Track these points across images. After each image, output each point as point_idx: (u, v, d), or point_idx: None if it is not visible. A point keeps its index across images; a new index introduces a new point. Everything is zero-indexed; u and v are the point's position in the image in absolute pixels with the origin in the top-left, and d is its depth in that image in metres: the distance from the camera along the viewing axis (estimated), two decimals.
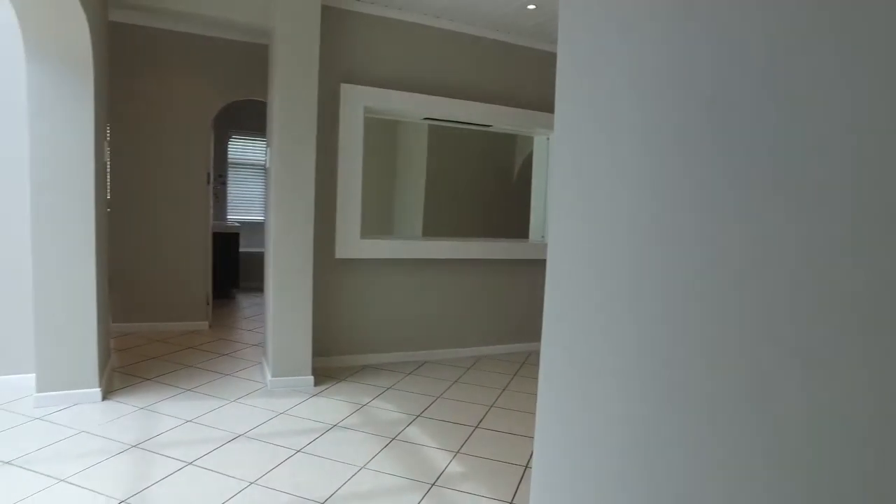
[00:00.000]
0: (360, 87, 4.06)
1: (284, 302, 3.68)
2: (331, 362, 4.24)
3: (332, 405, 3.49)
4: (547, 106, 4.83)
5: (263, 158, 7.55)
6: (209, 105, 4.97)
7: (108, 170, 4.79)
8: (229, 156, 7.65)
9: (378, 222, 4.85)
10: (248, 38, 4.94)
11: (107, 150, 3.66)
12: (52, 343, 3.17)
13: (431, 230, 5.30)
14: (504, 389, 4.00)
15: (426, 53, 4.36)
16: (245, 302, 6.51)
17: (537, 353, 5.02)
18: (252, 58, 4.96)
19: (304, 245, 3.69)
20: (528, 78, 4.76)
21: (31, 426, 2.95)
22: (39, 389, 3.17)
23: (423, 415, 3.44)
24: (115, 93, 4.68)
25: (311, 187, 3.68)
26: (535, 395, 3.72)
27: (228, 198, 7.69)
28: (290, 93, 3.58)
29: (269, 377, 3.73)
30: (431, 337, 4.65)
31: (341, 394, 3.71)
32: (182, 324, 5.01)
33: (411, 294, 4.52)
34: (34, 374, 3.20)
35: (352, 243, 4.13)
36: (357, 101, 4.05)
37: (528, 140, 5.47)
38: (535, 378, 4.51)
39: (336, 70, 4.04)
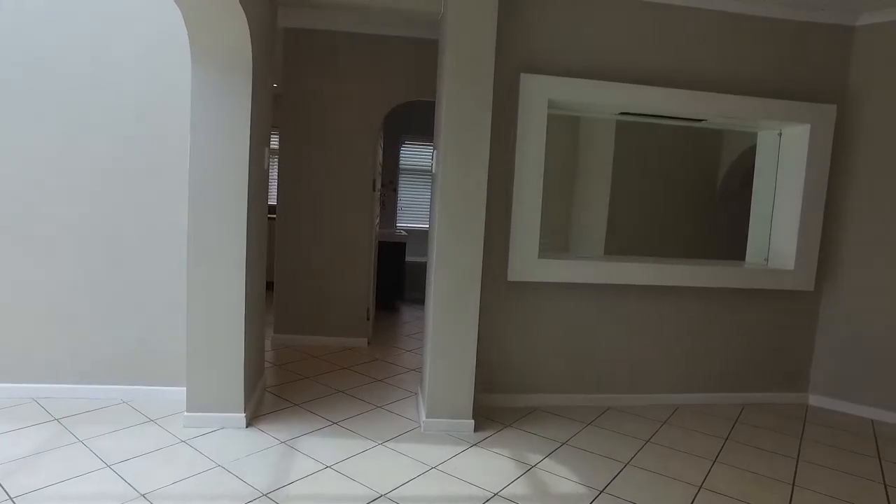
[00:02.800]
0: (544, 77, 3.39)
1: (445, 332, 3.14)
2: (495, 401, 3.62)
3: (495, 462, 2.86)
4: (785, 91, 3.73)
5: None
6: (377, 108, 4.67)
7: (277, 177, 4.72)
8: (401, 161, 7.48)
9: (553, 238, 4.13)
10: (418, 34, 4.54)
11: (267, 157, 3.43)
12: (202, 363, 2.96)
13: (616, 248, 4.44)
14: (715, 461, 3.05)
15: (627, 33, 3.56)
16: (408, 315, 6.19)
17: (753, 406, 3.93)
18: (422, 55, 4.56)
19: (471, 265, 3.12)
20: (758, 57, 3.71)
21: (175, 451, 2.74)
22: (189, 409, 2.99)
23: (608, 490, 2.65)
24: (284, 98, 4.58)
25: (482, 197, 3.10)
26: (762, 475, 2.67)
27: (398, 205, 7.52)
28: (461, 85, 3.03)
29: (423, 417, 3.21)
30: (616, 379, 3.81)
31: (506, 446, 3.06)
32: (341, 339, 4.76)
33: (593, 325, 3.73)
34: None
35: (527, 264, 3.47)
36: (540, 94, 3.38)
37: (739, 138, 4.36)
38: (756, 447, 3.37)
39: (515, 58, 3.43)
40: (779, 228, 3.95)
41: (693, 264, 3.77)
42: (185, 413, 2.99)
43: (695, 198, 5.06)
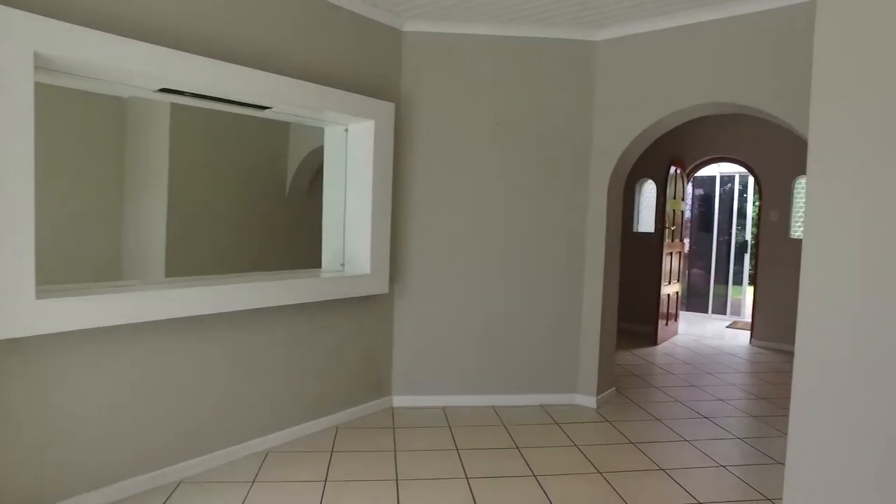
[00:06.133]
0: (26, 14, 2.18)
1: None
2: None
3: None
4: (351, 84, 3.47)
5: None
6: None
7: None
8: None
9: (96, 264, 2.94)
10: None
11: None
12: None
13: (183, 268, 3.48)
14: None
15: None
16: None
17: (347, 426, 3.62)
18: None
19: None
20: (326, 43, 3.35)
21: None
22: None
23: None
24: None
25: None
26: None
27: None
28: None
29: None
30: (184, 442, 2.91)
31: None
32: None
33: (146, 378, 2.74)
34: None
35: (18, 310, 2.20)
36: (17, 42, 2.16)
37: (307, 134, 3.99)
38: (357, 479, 2.45)
39: None
40: (352, 231, 3.72)
41: (266, 279, 3.18)
42: None
43: (267, 201, 4.48)
